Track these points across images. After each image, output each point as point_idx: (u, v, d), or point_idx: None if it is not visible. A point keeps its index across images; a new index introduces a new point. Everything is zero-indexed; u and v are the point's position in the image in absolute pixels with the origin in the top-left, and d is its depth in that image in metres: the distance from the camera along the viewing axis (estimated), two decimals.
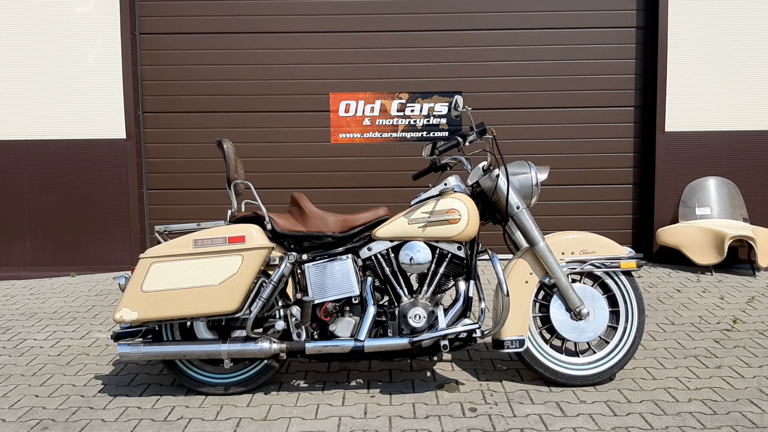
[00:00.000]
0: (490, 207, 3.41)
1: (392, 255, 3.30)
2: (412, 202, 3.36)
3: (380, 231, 3.28)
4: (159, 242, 3.27)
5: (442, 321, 3.18)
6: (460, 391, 3.28)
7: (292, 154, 6.23)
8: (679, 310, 4.64)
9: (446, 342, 3.17)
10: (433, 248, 3.30)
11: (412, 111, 6.21)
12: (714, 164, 6.05)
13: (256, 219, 3.30)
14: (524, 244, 3.41)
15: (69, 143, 6.00)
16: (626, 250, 3.39)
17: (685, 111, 6.01)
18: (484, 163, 3.39)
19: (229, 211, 3.37)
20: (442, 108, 6.21)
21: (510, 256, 3.52)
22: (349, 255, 3.26)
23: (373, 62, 6.18)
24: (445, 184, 3.36)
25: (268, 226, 3.24)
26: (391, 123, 6.22)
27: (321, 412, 3.05)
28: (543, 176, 3.44)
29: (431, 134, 6.22)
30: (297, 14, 6.16)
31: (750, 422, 2.87)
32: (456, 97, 3.22)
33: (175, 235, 3.29)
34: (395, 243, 3.29)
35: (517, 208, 3.30)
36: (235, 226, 3.16)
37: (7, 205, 6.04)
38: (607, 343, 3.38)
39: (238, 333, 3.22)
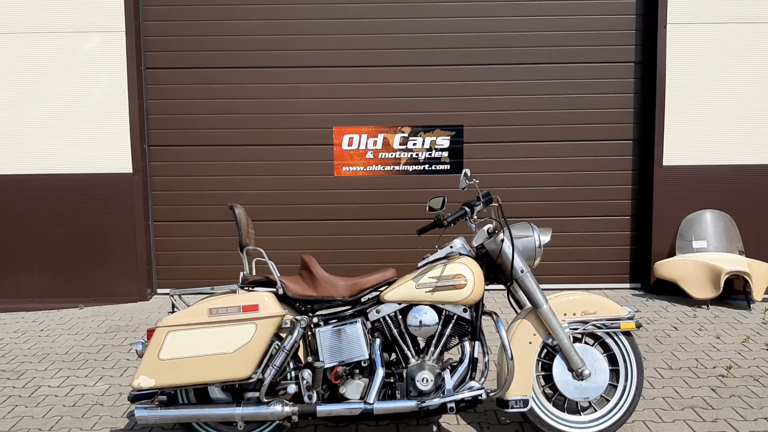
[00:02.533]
0: (495, 268, 3.52)
1: (400, 317, 3.41)
2: (419, 264, 3.46)
3: (389, 294, 3.39)
4: (173, 305, 3.37)
5: (449, 383, 3.29)
6: None
7: (296, 186, 6.33)
8: (676, 351, 4.76)
9: (453, 404, 3.28)
10: (439, 310, 3.41)
11: (414, 144, 6.31)
12: (711, 197, 6.17)
13: (269, 283, 3.40)
14: (528, 304, 3.52)
15: (77, 177, 6.09)
16: (626, 311, 3.50)
17: (682, 145, 6.13)
18: (489, 226, 3.50)
19: (242, 274, 3.47)
20: (443, 141, 6.31)
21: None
22: (359, 319, 3.37)
23: (376, 96, 6.28)
24: (451, 247, 3.47)
25: (280, 291, 3.35)
26: (393, 156, 6.32)
27: None
28: (546, 238, 3.55)
29: (433, 167, 6.33)
30: (300, 49, 6.26)
31: None
32: (464, 170, 3.33)
33: (189, 300, 3.39)
34: (403, 306, 3.40)
35: (522, 271, 3.41)
36: (249, 294, 3.26)
37: (16, 238, 6.14)
38: (608, 401, 3.50)
39: (251, 395, 3.32)
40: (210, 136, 6.32)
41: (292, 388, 3.30)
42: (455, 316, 3.40)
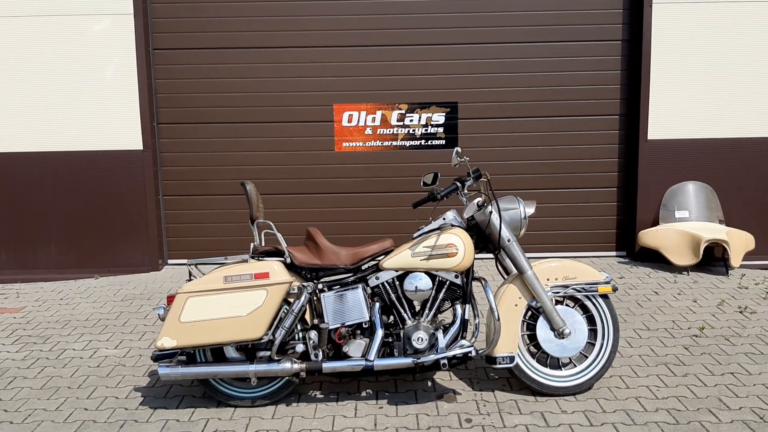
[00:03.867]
0: (484, 238, 3.85)
1: (397, 283, 3.74)
2: (415, 235, 3.79)
3: (387, 262, 3.72)
4: (190, 273, 3.70)
5: (442, 342, 3.64)
6: (457, 402, 3.75)
7: (298, 162, 6.64)
8: (655, 314, 5.12)
9: (445, 361, 3.64)
10: (433, 277, 3.74)
11: (411, 121, 6.61)
12: (693, 169, 6.48)
13: (277, 253, 3.73)
14: (514, 270, 3.85)
15: (90, 154, 6.40)
16: (603, 276, 3.84)
17: (666, 120, 6.43)
18: (479, 199, 3.82)
19: (252, 245, 3.80)
20: (439, 118, 6.61)
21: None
22: (360, 285, 3.71)
23: (375, 75, 6.55)
24: (444, 219, 3.80)
25: (288, 260, 3.68)
26: (391, 132, 6.62)
27: (337, 424, 3.52)
28: (531, 210, 3.87)
29: (429, 142, 6.63)
30: (302, 30, 6.52)
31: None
32: (456, 148, 3.64)
33: (204, 269, 3.73)
34: (400, 272, 3.74)
35: (508, 240, 3.74)
36: (260, 263, 3.60)
37: (33, 212, 6.46)
38: (586, 357, 3.86)
39: (263, 353, 3.67)
40: (216, 114, 6.61)
41: (300, 348, 3.66)
42: (447, 282, 3.74)
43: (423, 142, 6.64)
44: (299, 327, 3.73)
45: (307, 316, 3.72)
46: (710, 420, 3.46)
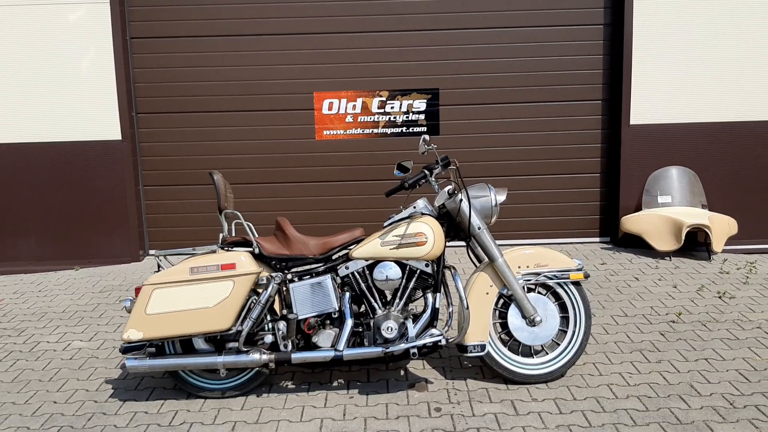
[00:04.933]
0: (455, 226, 3.81)
1: (367, 272, 3.71)
2: (385, 224, 3.76)
3: (356, 252, 3.69)
4: (158, 265, 3.67)
5: (412, 331, 3.62)
6: (428, 391, 3.74)
7: (279, 150, 6.59)
8: (634, 300, 5.10)
9: (415, 350, 3.61)
10: (403, 266, 3.71)
11: (392, 108, 6.56)
12: (676, 154, 6.44)
13: (245, 243, 3.70)
14: (485, 258, 3.82)
15: (68, 145, 6.35)
16: (575, 263, 3.81)
17: (648, 105, 6.38)
18: (450, 187, 3.78)
19: (221, 235, 3.77)
20: (420, 104, 6.56)
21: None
22: (329, 274, 3.68)
23: (355, 62, 6.50)
24: (414, 207, 3.77)
25: (256, 251, 3.65)
26: (372, 120, 6.57)
27: (306, 414, 3.51)
28: (502, 198, 3.84)
29: (410, 129, 6.58)
30: (281, 17, 6.45)
31: (676, 419, 3.33)
32: (423, 135, 3.60)
33: (174, 260, 3.70)
34: (370, 261, 3.71)
35: (478, 228, 3.71)
36: (227, 254, 3.56)
37: (12, 204, 6.42)
38: (558, 345, 3.84)
39: (232, 345, 3.64)
40: (196, 103, 6.55)
41: (268, 338, 3.63)
42: (418, 271, 3.71)
43: (404, 129, 6.59)
44: (269, 318, 3.71)
45: (277, 307, 3.69)
46: (680, 406, 3.44)
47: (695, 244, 6.30)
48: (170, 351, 3.70)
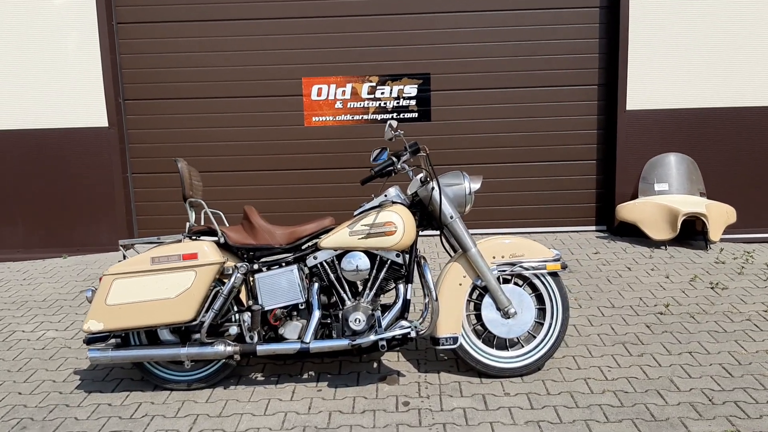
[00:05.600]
0: (428, 215, 3.69)
1: (336, 263, 3.61)
2: (355, 213, 3.65)
3: (324, 241, 3.58)
4: (124, 255, 3.60)
5: (380, 323, 3.51)
6: (399, 384, 3.64)
7: (267, 137, 6.49)
8: (623, 291, 4.95)
9: (384, 342, 3.51)
10: (373, 256, 3.61)
11: (382, 93, 6.42)
12: (674, 141, 6.26)
13: (212, 232, 3.61)
14: (459, 248, 3.70)
15: (54, 132, 6.28)
16: (552, 253, 3.68)
17: (645, 89, 6.19)
18: (422, 174, 3.66)
19: (188, 224, 3.68)
20: (411, 90, 6.41)
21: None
22: (295, 265, 3.58)
23: (344, 46, 6.37)
24: (386, 196, 3.65)
25: (221, 240, 3.56)
26: (362, 105, 6.44)
27: (270, 408, 3.42)
28: (476, 186, 3.71)
29: (401, 115, 6.44)
30: (269, 1, 6.32)
31: (650, 415, 3.20)
32: (390, 121, 3.47)
33: (140, 249, 3.61)
34: (339, 251, 3.60)
35: (450, 217, 3.58)
36: (189, 244, 3.47)
37: None
38: (534, 337, 3.72)
39: (197, 336, 3.56)
40: (183, 89, 6.45)
41: (233, 330, 3.55)
42: (389, 261, 3.59)
43: (395, 115, 6.46)
44: (235, 308, 3.62)
45: (243, 297, 3.61)
46: (656, 402, 3.32)
47: (693, 233, 6.13)
48: (135, 342, 3.63)
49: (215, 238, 3.58)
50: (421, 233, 3.76)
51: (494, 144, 6.49)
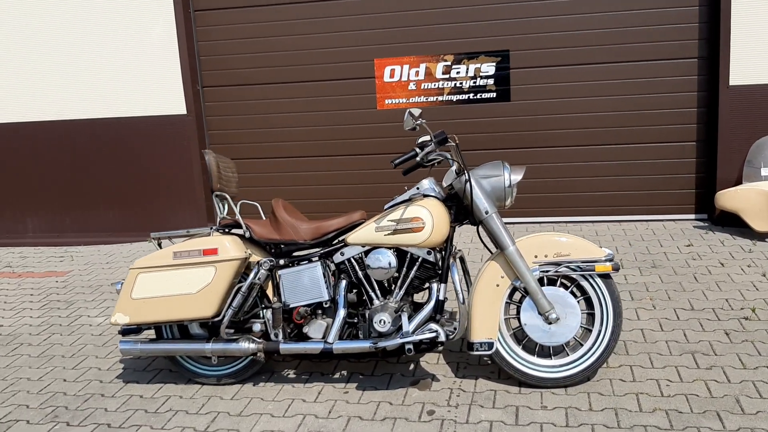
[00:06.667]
0: (465, 209, 3.42)
1: (364, 259, 3.42)
2: (385, 206, 3.44)
3: (351, 237, 3.40)
4: (159, 245, 3.59)
5: (406, 325, 3.30)
6: (430, 390, 3.41)
7: (339, 122, 6.36)
8: (709, 290, 4.43)
9: (410, 346, 3.29)
10: (404, 252, 3.39)
11: (458, 73, 6.10)
12: None
13: (240, 226, 3.53)
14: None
15: (135, 120, 6.48)
16: (603, 252, 3.30)
17: (752, 62, 5.48)
18: (456, 165, 3.39)
19: (218, 217, 3.62)
20: (488, 68, 6.05)
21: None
22: (319, 262, 3.43)
23: (417, 24, 6.08)
24: (417, 189, 3.42)
25: (246, 234, 3.48)
26: (436, 86, 6.15)
27: (291, 409, 3.31)
28: (517, 177, 3.39)
29: (478, 96, 6.10)
30: None
31: None
32: (409, 109, 3.21)
33: (171, 241, 3.60)
34: (367, 248, 3.41)
35: (486, 212, 3.29)
36: (210, 238, 3.40)
37: (89, 178, 6.67)
38: (581, 345, 3.36)
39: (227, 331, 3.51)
40: (257, 74, 6.44)
41: (257, 327, 3.46)
42: (420, 259, 3.37)
43: (472, 95, 6.12)
44: (262, 305, 3.53)
45: (270, 293, 3.51)
46: (712, 426, 2.90)
47: None
48: (168, 335, 3.63)
49: (242, 232, 3.51)
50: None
51: (580, 125, 6.01)
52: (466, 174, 3.28)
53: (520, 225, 6.25)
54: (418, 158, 3.24)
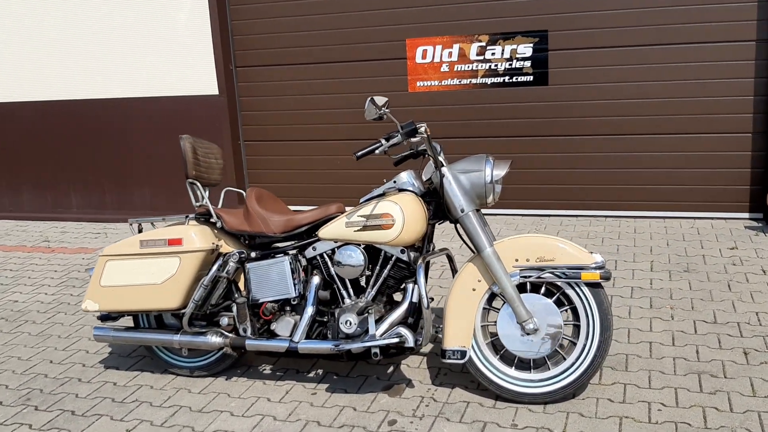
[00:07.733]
0: (444, 205, 3.17)
1: (335, 255, 3.24)
2: (361, 200, 3.25)
3: (323, 232, 3.23)
4: (140, 230, 3.53)
5: (372, 328, 3.10)
6: (401, 396, 3.21)
7: None
8: (741, 301, 3.99)
9: (377, 350, 3.10)
10: (377, 250, 3.19)
11: (492, 54, 5.76)
12: None
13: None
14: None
15: (168, 100, 6.48)
16: (593, 258, 2.99)
17: None
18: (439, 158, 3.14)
19: (195, 204, 3.52)
20: (525, 50, 5.67)
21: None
22: (287, 256, 3.26)
23: (450, 3, 5.77)
24: (394, 182, 3.21)
25: (218, 224, 3.36)
26: (470, 68, 5.83)
27: (253, 408, 3.18)
28: (500, 173, 3.11)
29: (514, 79, 5.74)
30: None
31: None
32: (372, 96, 2.96)
33: (153, 225, 3.54)
34: (339, 243, 3.23)
35: (462, 211, 3.04)
36: (175, 228, 3.30)
37: (125, 156, 6.75)
38: (565, 359, 3.07)
39: (197, 323, 3.42)
40: (291, 54, 6.31)
41: (224, 321, 3.36)
42: (394, 257, 3.16)
43: (507, 78, 5.76)
44: (233, 298, 3.41)
45: (242, 287, 3.39)
46: None
47: None
48: (144, 323, 3.58)
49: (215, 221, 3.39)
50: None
51: (622, 112, 5.56)
52: (438, 169, 3.03)
53: (555, 218, 5.89)
54: (378, 151, 2.99)
